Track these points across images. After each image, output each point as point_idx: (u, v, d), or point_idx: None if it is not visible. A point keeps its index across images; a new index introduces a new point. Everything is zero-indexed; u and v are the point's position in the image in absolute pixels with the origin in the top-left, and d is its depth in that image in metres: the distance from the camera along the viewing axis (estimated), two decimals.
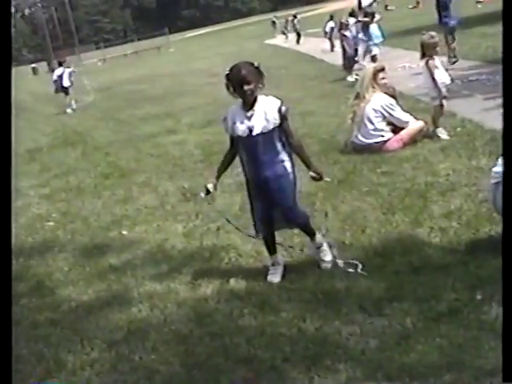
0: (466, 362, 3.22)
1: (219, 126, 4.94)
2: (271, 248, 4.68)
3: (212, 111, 11.96)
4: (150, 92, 19.92)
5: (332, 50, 22.17)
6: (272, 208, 4.47)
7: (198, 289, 4.58)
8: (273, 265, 4.65)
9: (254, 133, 4.30)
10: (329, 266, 4.62)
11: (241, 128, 4.33)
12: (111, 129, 13.29)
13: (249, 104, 4.31)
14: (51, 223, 6.79)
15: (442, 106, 7.57)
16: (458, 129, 7.73)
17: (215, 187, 4.49)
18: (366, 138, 7.51)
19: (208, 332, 3.97)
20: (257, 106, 4.31)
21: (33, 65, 58.64)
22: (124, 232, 6.11)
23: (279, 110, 4.31)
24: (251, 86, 4.24)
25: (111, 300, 4.65)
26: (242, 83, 4.22)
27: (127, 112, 15.71)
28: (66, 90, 18.30)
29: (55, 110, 19.11)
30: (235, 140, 4.44)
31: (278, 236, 4.74)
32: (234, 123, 4.36)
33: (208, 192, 4.46)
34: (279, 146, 4.40)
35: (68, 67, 18.95)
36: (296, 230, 4.87)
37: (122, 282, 4.94)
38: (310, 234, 4.71)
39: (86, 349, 4.02)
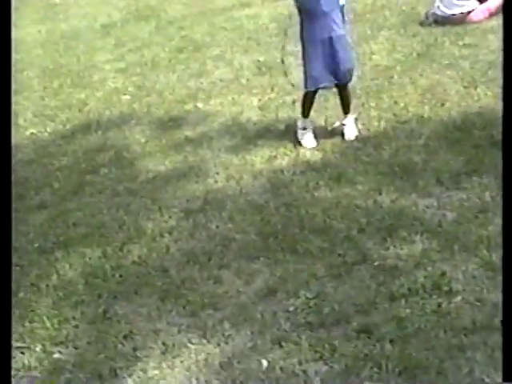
0: None
1: None
2: (308, 109, 4.87)
3: None
4: None
5: None
6: (325, 61, 4.65)
7: (274, 161, 4.59)
8: (304, 128, 4.80)
9: None
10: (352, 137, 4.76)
11: None
12: (184, 2, 13.03)
13: None
14: (127, 97, 6.84)
15: None
16: None
17: None
18: (449, 9, 7.12)
19: (283, 203, 4.01)
20: None
21: None
22: (199, 105, 6.11)
23: None
24: None
25: (188, 171, 4.73)
26: None
27: None
28: None
29: None
30: None
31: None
32: None
33: None
34: (340, 5, 4.72)
35: None
36: None
37: (198, 153, 4.99)
38: (348, 103, 4.88)
39: (165, 217, 4.13)
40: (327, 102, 5.21)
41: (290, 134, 4.97)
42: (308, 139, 4.77)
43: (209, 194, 4.31)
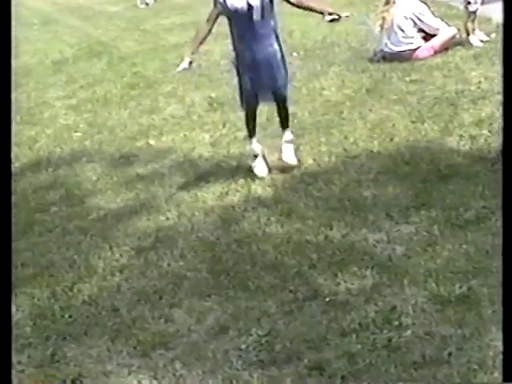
0: (493, 268, 3.21)
1: None
2: (251, 128, 4.91)
3: None
4: (175, 0, 19.52)
5: None
6: (262, 82, 4.69)
7: (225, 197, 4.60)
8: (255, 156, 4.87)
9: (253, 4, 4.50)
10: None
11: (238, 3, 4.54)
12: (136, 39, 13.09)
13: None
14: (78, 134, 6.80)
15: (474, 11, 7.31)
16: (493, 35, 7.48)
17: (191, 63, 4.81)
18: (396, 46, 7.30)
19: (235, 239, 4.00)
20: None
21: None
22: (151, 142, 6.11)
23: None
24: None
25: (139, 208, 4.70)
26: None
27: (152, 22, 15.45)
28: None
29: (79, 21, 18.88)
30: (231, 18, 4.64)
31: None
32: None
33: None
34: (273, 24, 4.65)
35: None
36: None
37: (149, 190, 4.98)
38: (286, 117, 4.90)
39: (116, 255, 4.09)
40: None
41: (241, 170, 4.99)
42: (259, 167, 4.85)
43: (160, 232, 4.28)
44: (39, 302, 3.69)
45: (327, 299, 3.27)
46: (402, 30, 7.28)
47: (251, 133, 4.95)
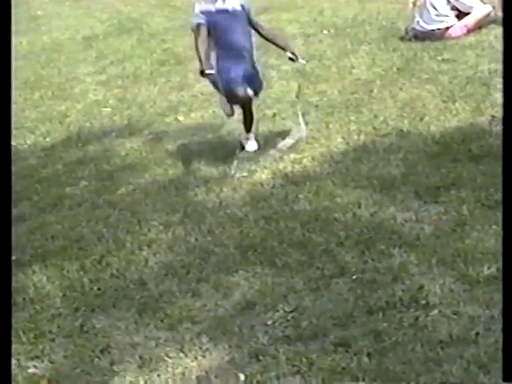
0: None
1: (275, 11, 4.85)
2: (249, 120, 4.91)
3: None
4: None
5: None
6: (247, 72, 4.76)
7: (254, 173, 4.60)
8: (247, 139, 4.93)
9: (228, 6, 4.70)
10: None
11: (215, 5, 4.71)
12: (166, 16, 13.06)
13: None
14: (108, 109, 6.83)
15: None
16: None
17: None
18: (428, 24, 7.19)
19: (263, 216, 4.01)
20: None
21: None
22: (180, 118, 6.12)
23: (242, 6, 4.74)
24: None
25: (167, 184, 4.72)
26: None
27: None
28: None
29: None
30: (208, 22, 4.76)
31: None
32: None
33: (203, 74, 4.82)
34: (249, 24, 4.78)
35: None
36: None
37: (178, 166, 4.99)
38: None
39: (144, 229, 4.12)
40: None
41: (270, 147, 4.98)
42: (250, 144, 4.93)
43: (188, 207, 4.30)
44: (69, 274, 3.74)
45: (354, 277, 3.28)
46: (435, 8, 7.16)
47: (249, 126, 4.97)
